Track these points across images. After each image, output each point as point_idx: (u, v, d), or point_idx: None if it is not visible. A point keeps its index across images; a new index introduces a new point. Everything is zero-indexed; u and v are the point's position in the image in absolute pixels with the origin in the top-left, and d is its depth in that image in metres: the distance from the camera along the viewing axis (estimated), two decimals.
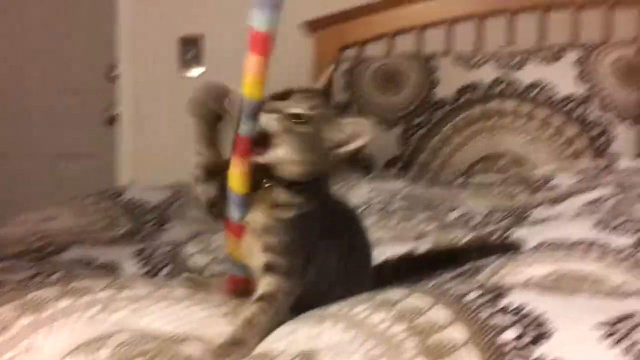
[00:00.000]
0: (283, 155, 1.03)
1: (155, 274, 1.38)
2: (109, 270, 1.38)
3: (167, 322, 0.98)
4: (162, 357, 0.89)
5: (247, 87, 1.03)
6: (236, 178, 1.05)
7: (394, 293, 1.00)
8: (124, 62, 3.14)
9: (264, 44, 1.03)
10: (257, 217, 1.04)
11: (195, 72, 3.12)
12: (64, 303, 1.04)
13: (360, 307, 0.95)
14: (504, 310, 0.89)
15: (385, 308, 0.94)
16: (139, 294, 1.07)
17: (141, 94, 3.14)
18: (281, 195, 1.05)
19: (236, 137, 1.04)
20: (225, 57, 3.11)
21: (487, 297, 0.93)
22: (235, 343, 0.93)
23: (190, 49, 3.12)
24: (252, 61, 1.02)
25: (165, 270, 1.41)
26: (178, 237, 1.63)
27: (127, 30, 3.13)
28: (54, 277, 1.20)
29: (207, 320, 1.01)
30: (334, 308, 0.98)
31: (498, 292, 0.97)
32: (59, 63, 3.39)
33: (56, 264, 1.37)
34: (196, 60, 3.12)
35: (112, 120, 3.23)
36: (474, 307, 0.90)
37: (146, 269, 1.41)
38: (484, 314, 0.88)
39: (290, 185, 1.05)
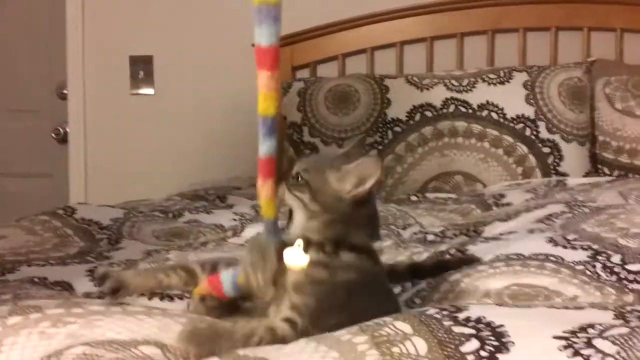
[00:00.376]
0: (300, 219, 1.04)
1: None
2: (61, 289, 1.34)
3: (121, 332, 0.96)
4: (123, 352, 0.88)
5: (261, 105, 1.02)
6: (264, 203, 1.05)
7: None
8: (73, 80, 3.10)
9: (271, 59, 1.03)
10: (293, 273, 1.04)
11: (146, 91, 3.11)
12: (13, 320, 1.00)
13: None
14: (462, 323, 0.89)
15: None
16: (91, 309, 1.05)
17: (91, 113, 3.10)
18: (315, 254, 1.04)
19: (258, 160, 1.04)
20: (175, 77, 3.13)
21: (445, 312, 0.93)
22: (217, 337, 0.93)
23: (141, 68, 3.11)
24: (262, 77, 1.02)
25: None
26: (131, 255, 1.60)
27: (75, 48, 3.10)
28: (4, 297, 1.16)
29: (164, 328, 0.99)
30: None
31: (456, 307, 0.97)
32: (9, 82, 3.32)
33: (5, 284, 1.34)
34: (147, 80, 3.10)
35: (65, 139, 3.18)
36: (433, 321, 0.90)
37: (99, 287, 1.37)
38: (442, 328, 0.88)
39: (323, 244, 1.04)
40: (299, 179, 1.05)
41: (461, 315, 0.91)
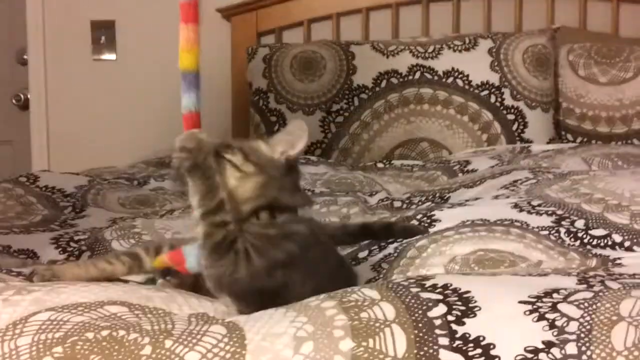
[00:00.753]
0: (226, 180, 1.01)
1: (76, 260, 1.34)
2: (26, 257, 1.33)
3: (85, 296, 0.95)
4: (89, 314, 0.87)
5: (181, 60, 1.01)
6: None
7: None
8: (33, 46, 3.04)
9: (193, 12, 1.02)
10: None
11: (108, 56, 3.06)
12: None
13: None
14: (429, 290, 0.90)
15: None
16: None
17: (52, 79, 3.05)
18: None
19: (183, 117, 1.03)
20: (137, 43, 3.08)
21: (412, 280, 0.94)
22: None
23: (103, 33, 3.05)
24: (183, 31, 1.01)
25: (84, 257, 1.36)
26: (96, 223, 1.59)
27: (35, 13, 3.03)
28: None
29: (129, 291, 0.98)
30: None
31: (423, 275, 0.98)
32: None
33: None
34: (109, 46, 3.05)
35: (25, 105, 3.12)
36: (400, 288, 0.91)
37: (64, 255, 1.36)
38: (410, 294, 0.89)
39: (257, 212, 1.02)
40: (228, 147, 1.03)
41: (428, 283, 0.92)
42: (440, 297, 0.87)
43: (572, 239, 1.23)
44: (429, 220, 1.37)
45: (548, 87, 2.54)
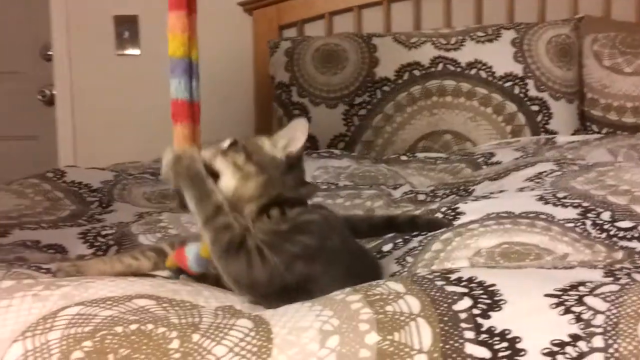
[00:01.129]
0: (230, 184, 1.03)
1: (103, 255, 1.35)
2: (55, 252, 1.34)
3: (113, 291, 0.96)
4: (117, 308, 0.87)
5: (169, 46, 1.02)
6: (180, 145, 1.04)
7: None
8: (58, 41, 3.06)
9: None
10: None
11: (132, 51, 3.07)
12: (6, 284, 1.00)
13: None
14: (454, 283, 0.90)
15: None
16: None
17: (77, 74, 3.07)
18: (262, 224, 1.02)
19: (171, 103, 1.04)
20: (161, 37, 3.07)
21: (437, 273, 0.94)
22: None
23: (126, 28, 3.06)
24: (171, 18, 1.02)
25: (112, 251, 1.38)
26: (123, 218, 1.60)
27: (59, 9, 3.05)
28: None
29: (156, 285, 0.99)
30: None
31: (448, 268, 0.97)
32: None
33: None
34: (132, 41, 3.07)
35: (51, 101, 3.15)
36: (426, 282, 0.91)
37: (92, 250, 1.38)
38: (435, 287, 0.89)
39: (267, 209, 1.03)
40: (233, 145, 1.05)
41: (453, 276, 0.92)
42: (466, 290, 0.87)
43: (598, 231, 1.22)
44: (453, 213, 1.37)
45: (572, 77, 2.52)
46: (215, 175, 1.04)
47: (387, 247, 1.30)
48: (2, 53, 3.26)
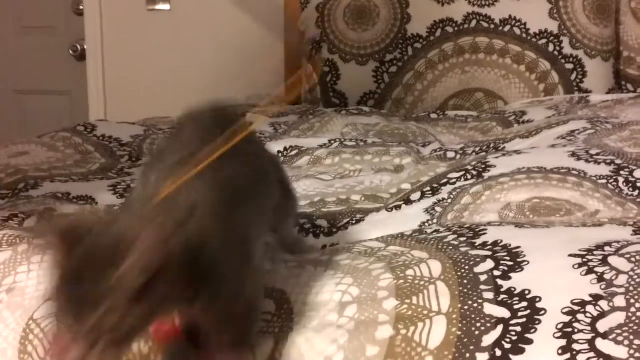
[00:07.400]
0: None
1: None
2: (85, 203, 1.36)
3: None
4: None
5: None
6: None
7: (373, 243, 0.99)
8: None
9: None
10: None
11: (162, 6, 3.07)
12: (23, 247, 0.99)
13: (342, 256, 0.95)
14: (478, 248, 0.89)
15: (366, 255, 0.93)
16: None
17: (108, 29, 3.07)
18: None
19: None
20: None
21: (462, 239, 0.93)
22: None
23: None
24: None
25: None
26: None
27: None
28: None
29: None
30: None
31: (475, 226, 0.97)
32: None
33: (29, 199, 1.35)
34: None
35: (82, 56, 3.17)
36: (450, 248, 0.90)
37: (121, 201, 1.39)
38: (459, 252, 0.88)
39: None
40: None
41: (478, 241, 0.91)
42: (489, 253, 0.87)
43: (631, 189, 1.20)
44: (483, 166, 1.35)
45: (609, 35, 2.46)
46: None
47: (415, 197, 1.29)
48: (34, 8, 3.27)
